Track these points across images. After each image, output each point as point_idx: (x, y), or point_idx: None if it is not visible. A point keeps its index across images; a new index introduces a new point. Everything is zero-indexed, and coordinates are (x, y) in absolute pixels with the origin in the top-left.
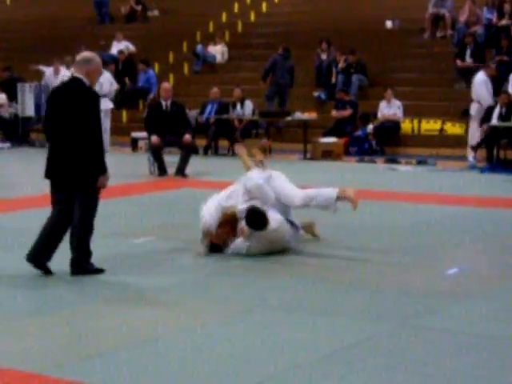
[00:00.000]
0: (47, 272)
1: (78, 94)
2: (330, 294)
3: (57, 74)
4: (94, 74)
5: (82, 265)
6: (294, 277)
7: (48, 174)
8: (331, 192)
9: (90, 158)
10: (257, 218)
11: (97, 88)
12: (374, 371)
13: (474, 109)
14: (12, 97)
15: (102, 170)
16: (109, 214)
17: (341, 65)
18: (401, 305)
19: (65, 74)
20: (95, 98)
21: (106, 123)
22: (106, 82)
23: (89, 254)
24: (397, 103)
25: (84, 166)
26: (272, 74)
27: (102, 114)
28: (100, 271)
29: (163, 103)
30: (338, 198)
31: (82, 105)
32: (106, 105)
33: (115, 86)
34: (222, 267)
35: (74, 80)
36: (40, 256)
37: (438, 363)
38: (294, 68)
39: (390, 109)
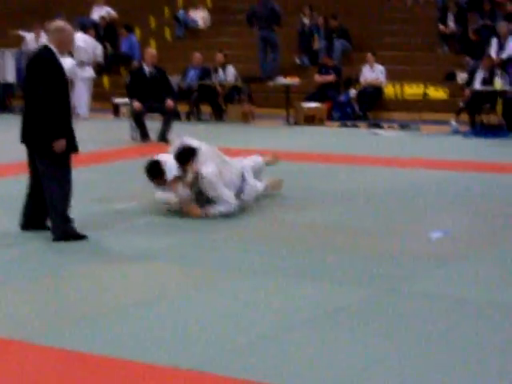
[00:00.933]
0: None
1: (41, 62)
2: (312, 259)
3: (38, 40)
4: (65, 44)
5: (61, 230)
6: (277, 241)
7: (21, 139)
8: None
9: (47, 122)
10: (184, 153)
11: (81, 54)
12: (357, 336)
13: None
14: None
15: (57, 135)
16: (91, 180)
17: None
18: (384, 269)
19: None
20: (55, 65)
21: (86, 91)
22: (90, 48)
23: (65, 219)
24: (379, 68)
25: (42, 130)
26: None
27: (85, 82)
28: (82, 237)
29: (146, 69)
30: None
31: (42, 72)
32: (89, 73)
33: (99, 49)
34: (205, 230)
35: (43, 49)
36: (35, 220)
37: (419, 327)
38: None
39: (372, 73)
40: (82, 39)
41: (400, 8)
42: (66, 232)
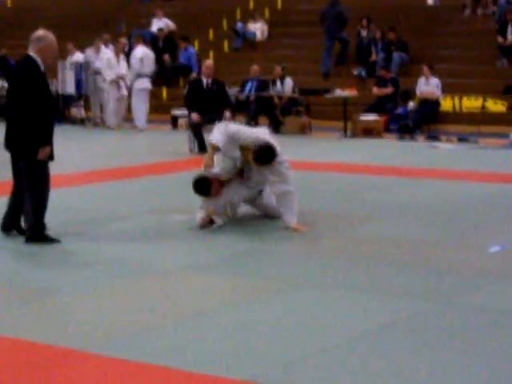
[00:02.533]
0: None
1: (23, 71)
2: (369, 272)
3: (97, 53)
4: (46, 52)
5: (34, 234)
6: (334, 254)
7: (5, 145)
8: (290, 218)
9: (31, 130)
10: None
11: (136, 66)
12: (413, 350)
13: None
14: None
15: (43, 142)
16: (149, 191)
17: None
18: (442, 283)
19: (105, 52)
20: (36, 74)
21: (142, 101)
22: (148, 61)
23: (39, 225)
24: (435, 81)
25: (25, 137)
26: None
27: (142, 94)
28: (55, 241)
29: (204, 80)
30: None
31: (25, 81)
32: (145, 85)
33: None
34: (258, 244)
35: (25, 57)
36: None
37: (478, 342)
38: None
39: (427, 86)
40: (140, 51)
41: (458, 20)
42: (36, 235)
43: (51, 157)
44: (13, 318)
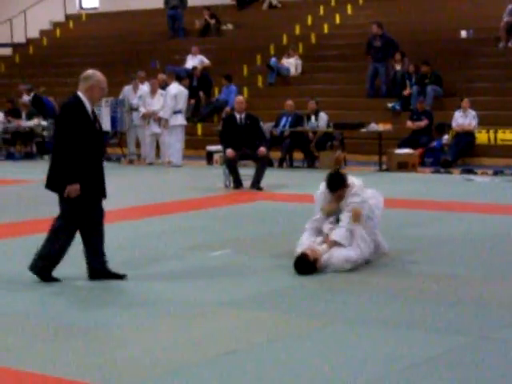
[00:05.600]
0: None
1: (69, 110)
2: (409, 307)
3: (135, 90)
4: (93, 91)
5: (40, 268)
6: (372, 290)
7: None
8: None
9: (62, 166)
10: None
11: (171, 103)
12: None
13: None
14: None
15: (70, 179)
16: (185, 227)
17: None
18: (481, 317)
19: (141, 88)
20: (82, 113)
21: (177, 138)
22: (182, 98)
23: (51, 259)
24: (472, 113)
25: (58, 173)
26: None
27: (177, 130)
28: (57, 280)
29: (237, 116)
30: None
31: (63, 118)
32: (180, 120)
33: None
34: (296, 280)
35: (72, 96)
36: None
37: None
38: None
39: (465, 119)
40: (174, 88)
41: (492, 53)
42: (42, 271)
43: (104, 195)
44: (54, 353)
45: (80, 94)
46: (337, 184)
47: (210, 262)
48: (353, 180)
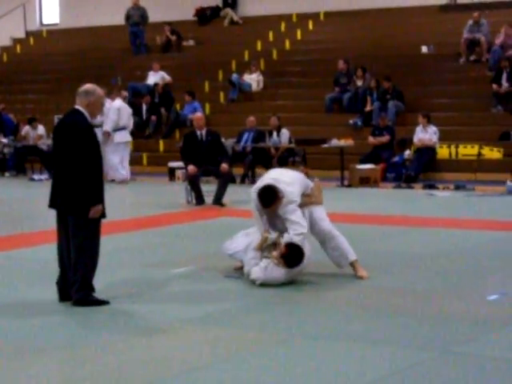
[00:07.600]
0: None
1: (73, 127)
2: (370, 322)
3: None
4: (94, 106)
5: (81, 295)
6: (333, 305)
7: (51, 204)
8: (350, 255)
9: (82, 187)
10: (295, 254)
11: (113, 117)
12: None
13: None
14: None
15: (94, 200)
16: (147, 244)
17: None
18: (442, 332)
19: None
20: (88, 130)
21: (119, 154)
22: (125, 114)
23: (87, 286)
24: (433, 129)
25: (76, 194)
26: None
27: (119, 147)
28: (104, 303)
29: (198, 133)
30: (352, 265)
31: (76, 137)
32: (125, 137)
33: (131, 119)
34: (259, 296)
35: (73, 112)
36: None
37: None
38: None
39: (425, 134)
40: (118, 102)
41: (453, 68)
42: (83, 298)
43: (103, 215)
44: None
45: (80, 109)
46: (270, 199)
47: (172, 279)
48: (284, 188)
